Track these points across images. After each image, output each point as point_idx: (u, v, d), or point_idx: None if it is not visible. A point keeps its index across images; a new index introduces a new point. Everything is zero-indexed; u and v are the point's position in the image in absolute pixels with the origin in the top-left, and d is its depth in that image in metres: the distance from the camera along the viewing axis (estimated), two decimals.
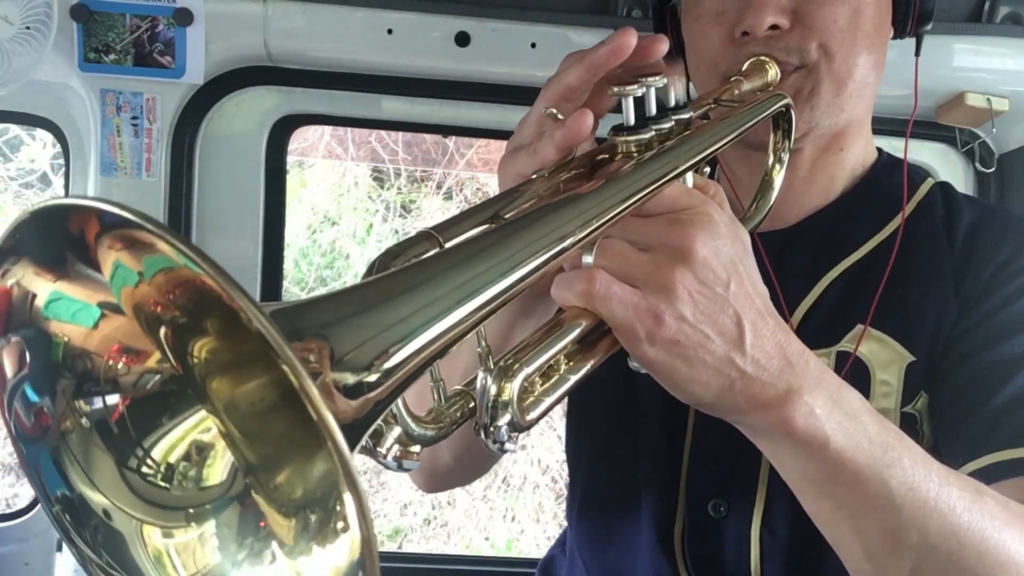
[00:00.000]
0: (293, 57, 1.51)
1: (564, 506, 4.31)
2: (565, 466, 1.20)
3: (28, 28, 1.36)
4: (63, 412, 0.44)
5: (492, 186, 4.54)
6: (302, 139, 4.15)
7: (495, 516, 4.37)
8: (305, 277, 4.51)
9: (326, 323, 0.40)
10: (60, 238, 0.40)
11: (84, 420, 0.43)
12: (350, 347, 0.40)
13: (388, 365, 0.41)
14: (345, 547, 0.38)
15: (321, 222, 4.60)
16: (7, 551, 1.59)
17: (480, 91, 1.53)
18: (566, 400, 1.12)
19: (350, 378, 0.39)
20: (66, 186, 1.63)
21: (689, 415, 0.99)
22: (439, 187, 4.62)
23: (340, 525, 0.38)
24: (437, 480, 1.11)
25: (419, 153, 4.55)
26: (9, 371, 0.44)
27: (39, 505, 1.62)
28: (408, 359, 0.43)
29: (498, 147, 4.19)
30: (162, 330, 0.41)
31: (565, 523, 1.19)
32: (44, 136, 3.94)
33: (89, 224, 0.38)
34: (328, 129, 4.31)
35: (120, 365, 0.42)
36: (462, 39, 1.46)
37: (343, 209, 4.64)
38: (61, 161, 1.72)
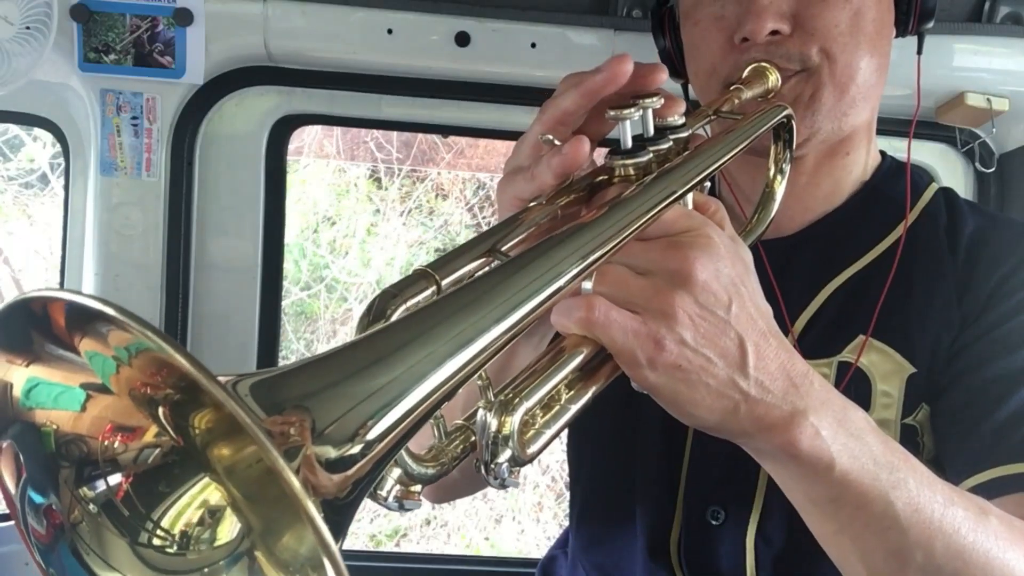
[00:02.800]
0: (293, 57, 1.51)
1: (564, 506, 4.30)
2: (565, 466, 1.20)
3: (28, 28, 1.36)
4: (69, 503, 0.42)
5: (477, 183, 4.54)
6: (298, 140, 4.14)
7: (493, 517, 4.37)
8: (305, 277, 4.51)
9: (308, 394, 0.39)
10: (22, 322, 0.38)
11: (91, 506, 0.42)
12: (332, 418, 0.39)
13: (376, 432, 0.40)
14: None
15: (321, 222, 4.60)
16: (7, 551, 1.59)
17: (480, 91, 1.53)
18: None
19: (332, 452, 0.38)
20: (66, 186, 1.63)
21: None
22: (434, 187, 4.62)
23: None
24: (443, 492, 1.11)
25: (418, 154, 4.55)
26: (10, 481, 0.42)
27: None
28: (394, 426, 0.41)
29: (495, 148, 4.20)
30: (159, 409, 0.39)
31: (565, 523, 1.18)
32: (44, 136, 3.94)
33: (53, 307, 0.37)
34: (325, 131, 4.31)
35: (116, 444, 0.41)
36: (462, 39, 1.45)
37: (342, 208, 4.64)
38: (60, 161, 1.72)
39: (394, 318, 0.52)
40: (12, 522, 1.73)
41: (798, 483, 0.68)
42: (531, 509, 4.39)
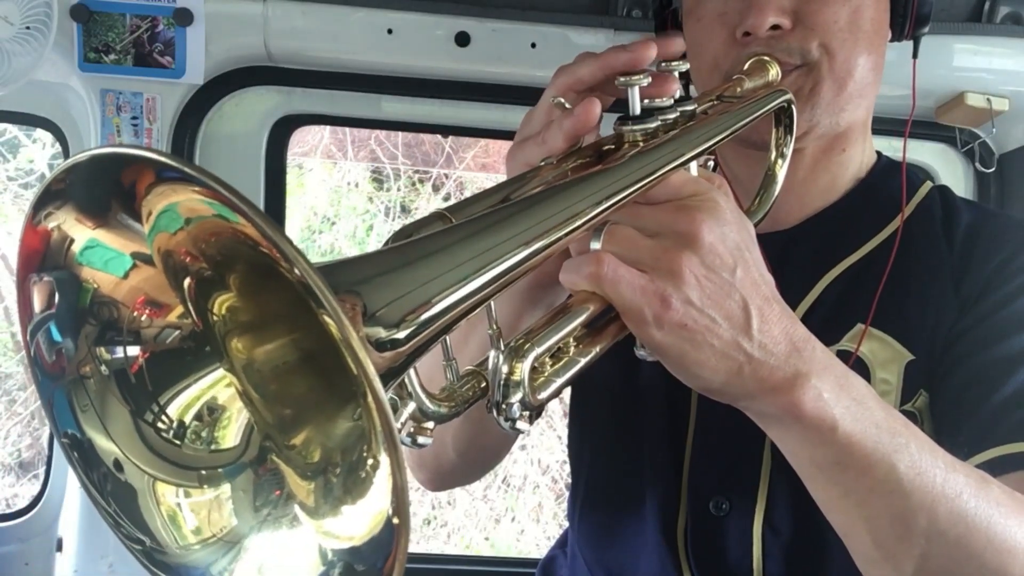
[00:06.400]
0: (293, 57, 1.51)
1: (564, 506, 4.29)
2: (565, 466, 1.20)
3: (28, 28, 1.35)
4: (84, 357, 0.45)
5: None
6: (299, 140, 4.14)
7: (493, 517, 4.37)
8: None
9: (358, 281, 0.41)
10: (110, 186, 0.40)
11: (104, 368, 0.45)
12: (382, 303, 0.41)
13: (418, 321, 0.43)
14: (375, 499, 0.39)
15: (321, 223, 4.60)
16: (7, 551, 1.59)
17: (480, 91, 1.53)
18: (568, 402, 1.13)
19: (382, 332, 0.41)
20: None
21: (691, 414, 0.99)
22: (436, 189, 4.63)
23: (367, 475, 0.39)
24: (442, 478, 1.11)
25: (419, 155, 4.55)
26: (37, 306, 0.45)
27: (39, 505, 1.62)
28: (435, 316, 0.44)
29: (497, 148, 4.21)
30: (187, 281, 0.42)
31: (565, 523, 1.19)
32: (43, 137, 3.93)
33: (143, 175, 0.39)
34: (327, 132, 4.31)
35: (144, 317, 0.44)
36: (462, 39, 1.46)
37: (342, 210, 4.64)
38: (58, 162, 1.72)
39: None
40: (12, 522, 1.72)
41: (802, 446, 0.68)
42: (531, 509, 4.39)
